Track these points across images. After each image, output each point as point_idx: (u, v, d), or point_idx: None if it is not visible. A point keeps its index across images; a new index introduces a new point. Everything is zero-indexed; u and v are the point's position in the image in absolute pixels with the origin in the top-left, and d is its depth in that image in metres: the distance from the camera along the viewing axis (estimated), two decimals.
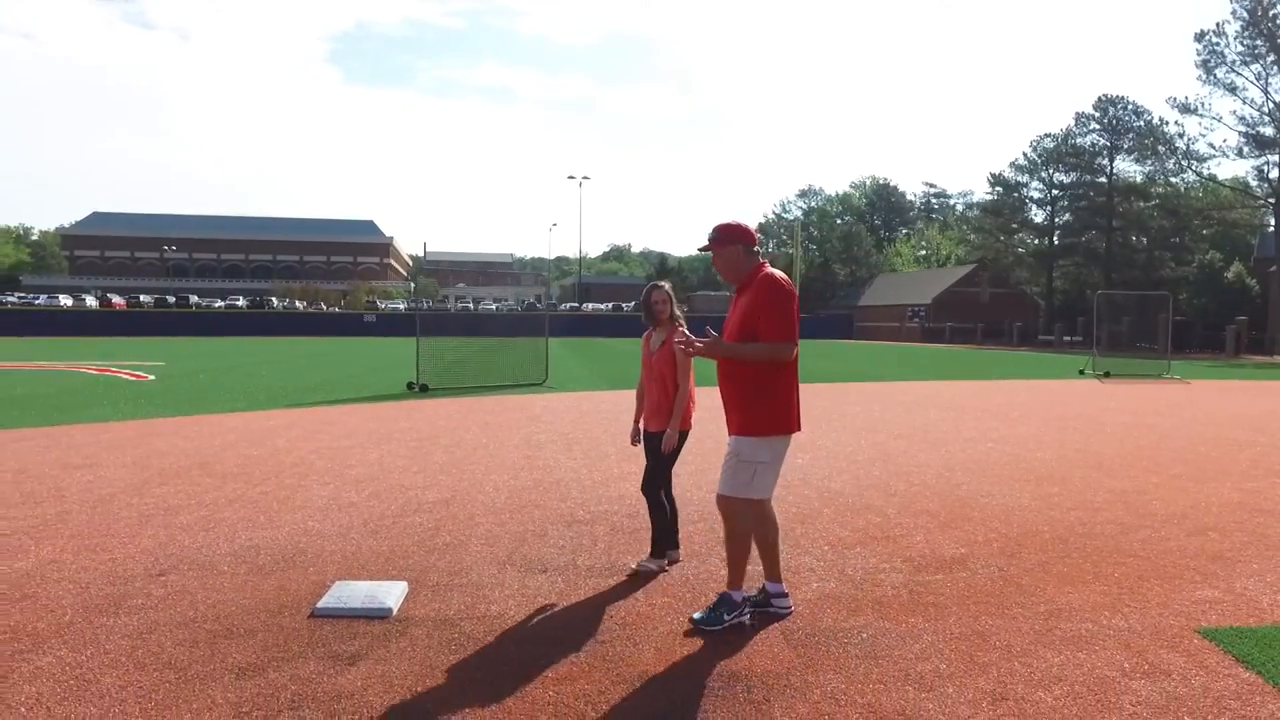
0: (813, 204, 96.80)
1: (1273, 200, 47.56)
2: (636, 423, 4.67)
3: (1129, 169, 58.66)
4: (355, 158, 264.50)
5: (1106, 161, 58.60)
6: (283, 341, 42.32)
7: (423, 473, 7.21)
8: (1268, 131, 45.63)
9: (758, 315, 3.54)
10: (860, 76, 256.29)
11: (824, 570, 4.45)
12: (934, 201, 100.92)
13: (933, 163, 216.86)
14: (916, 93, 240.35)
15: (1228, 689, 3.03)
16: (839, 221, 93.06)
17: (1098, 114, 57.75)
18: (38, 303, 60.88)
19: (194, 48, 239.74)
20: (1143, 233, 58.51)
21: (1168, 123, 54.94)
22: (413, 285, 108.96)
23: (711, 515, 5.03)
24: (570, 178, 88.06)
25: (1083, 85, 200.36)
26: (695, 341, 3.60)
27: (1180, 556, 4.76)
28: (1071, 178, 60.49)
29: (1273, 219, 49.71)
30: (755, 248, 3.70)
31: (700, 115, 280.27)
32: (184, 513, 5.68)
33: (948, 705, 2.90)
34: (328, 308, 73.28)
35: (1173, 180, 57.69)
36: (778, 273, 3.62)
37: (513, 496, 6.28)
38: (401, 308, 72.63)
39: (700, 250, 3.84)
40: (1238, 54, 45.58)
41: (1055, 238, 62.71)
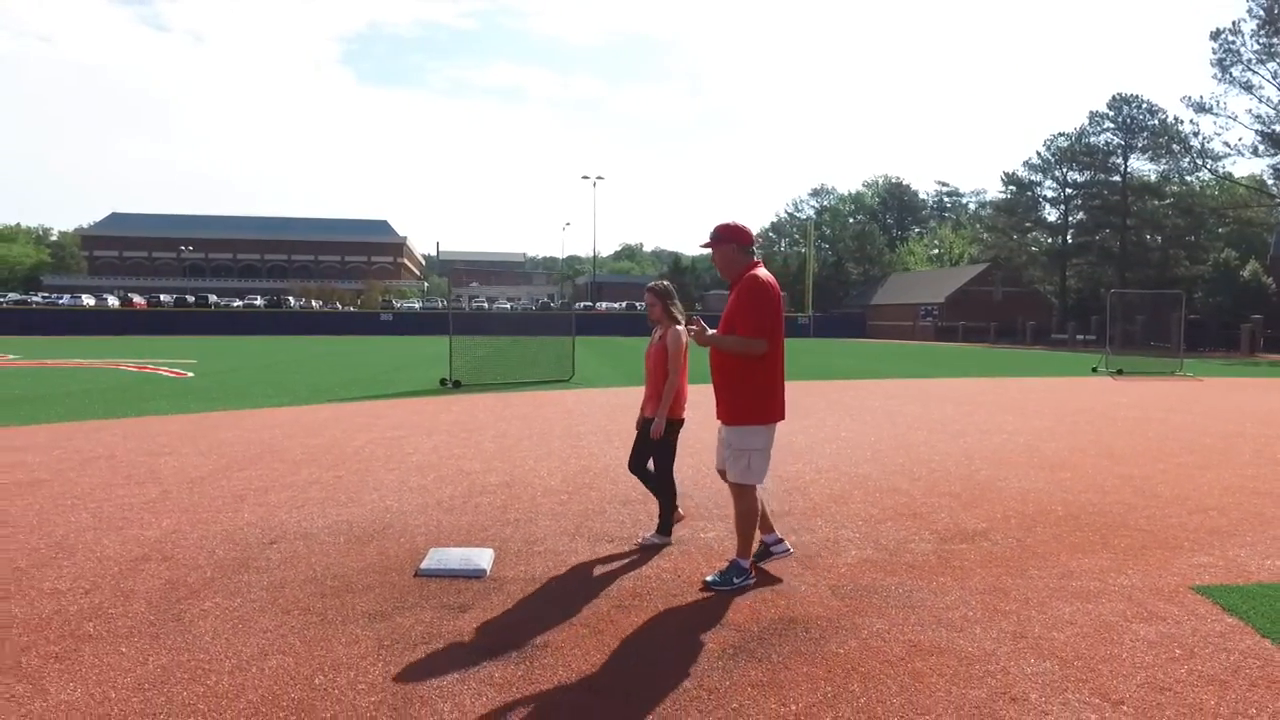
0: (825, 203, 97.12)
1: None
2: (641, 409, 5.16)
3: (1143, 168, 58.87)
4: (368, 158, 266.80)
5: (1121, 160, 58.74)
6: (303, 340, 43.09)
7: (478, 460, 7.78)
8: None
9: (736, 311, 4.01)
10: (872, 75, 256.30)
11: (860, 541, 4.99)
12: (947, 200, 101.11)
13: (945, 162, 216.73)
14: (929, 91, 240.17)
15: (1214, 630, 3.56)
16: (851, 220, 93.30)
17: (1112, 113, 57.94)
18: (61, 302, 62.03)
19: (208, 50, 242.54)
20: (1157, 231, 58.62)
21: (1182, 122, 55.10)
22: (425, 285, 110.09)
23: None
24: (584, 177, 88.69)
25: (1096, 84, 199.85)
26: (703, 331, 4.05)
27: (1181, 530, 5.27)
28: (1085, 176, 60.67)
29: None
30: (750, 247, 4.12)
31: (712, 115, 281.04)
32: (272, 493, 6.27)
33: (976, 642, 3.44)
34: (343, 307, 74.16)
35: (1187, 179, 57.76)
36: (762, 273, 4.02)
37: (566, 480, 6.84)
38: (417, 307, 73.57)
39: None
40: (1254, 52, 45.65)
41: (1069, 236, 62.90)
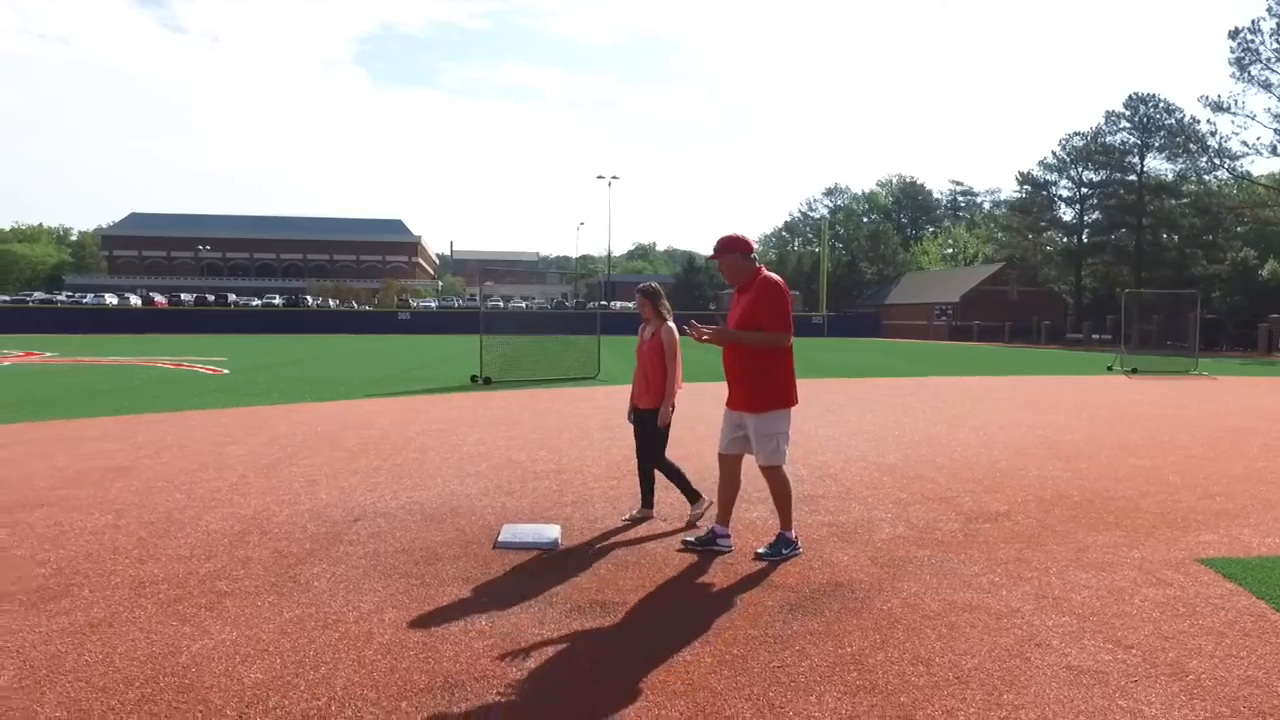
0: (839, 202, 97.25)
1: None
2: (631, 401, 5.56)
3: (1160, 167, 58.73)
4: (382, 157, 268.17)
5: (1137, 160, 58.66)
6: (324, 339, 43.80)
7: (524, 450, 8.27)
8: None
9: (761, 310, 4.51)
10: (886, 74, 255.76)
11: (893, 520, 5.45)
12: (961, 200, 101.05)
13: (959, 161, 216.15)
14: (943, 91, 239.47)
15: (1215, 594, 4.00)
16: (865, 220, 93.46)
17: (1128, 112, 57.82)
18: (85, 301, 63.20)
19: (224, 51, 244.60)
20: (1174, 231, 58.51)
21: (1199, 121, 54.83)
22: (439, 284, 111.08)
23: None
24: (600, 177, 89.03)
25: (1113, 84, 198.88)
26: (704, 330, 4.52)
27: (1189, 513, 5.70)
28: (1101, 176, 60.60)
29: None
30: (751, 254, 4.66)
31: (725, 115, 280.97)
32: (341, 478, 6.78)
33: (1002, 600, 3.90)
34: (359, 306, 75.06)
35: (1205, 178, 57.61)
36: (775, 275, 4.60)
37: (611, 468, 7.32)
38: (433, 306, 74.41)
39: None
40: (1273, 51, 45.46)
41: (1084, 236, 62.86)
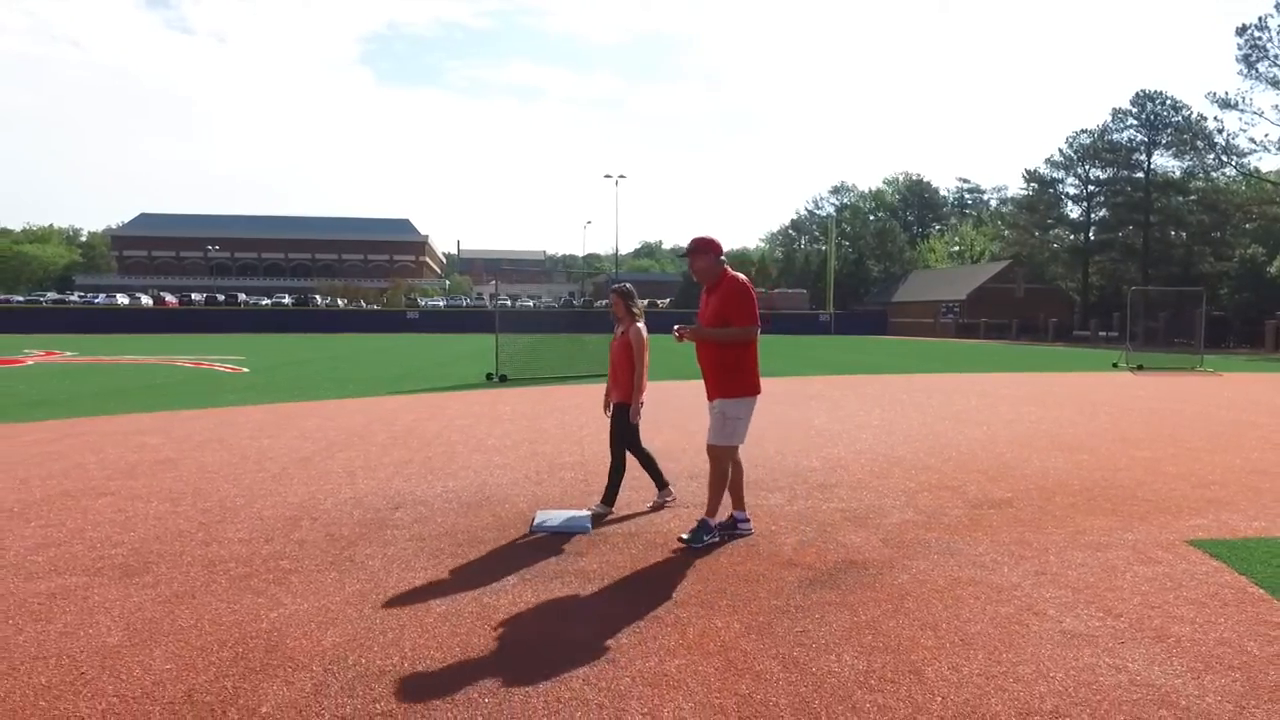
0: (845, 200, 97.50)
1: None
2: (606, 395, 6.04)
3: (1167, 164, 58.77)
4: (389, 157, 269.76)
5: (1144, 157, 58.72)
6: (335, 338, 44.20)
7: (547, 443, 8.62)
8: None
9: (730, 308, 4.89)
10: (892, 72, 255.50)
11: (902, 507, 5.79)
12: (967, 197, 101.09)
13: (966, 158, 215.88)
14: (949, 88, 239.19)
15: (1200, 570, 4.33)
16: (872, 218, 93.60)
17: (1135, 109, 57.92)
18: (96, 301, 63.86)
19: (231, 51, 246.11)
20: (1181, 228, 58.55)
21: (1207, 118, 54.90)
22: (447, 283, 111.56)
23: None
24: (607, 176, 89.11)
25: (1119, 81, 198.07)
26: (684, 331, 4.95)
27: (1183, 500, 6.02)
28: (1108, 173, 60.68)
29: None
30: (722, 256, 5.03)
31: (730, 113, 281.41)
32: (378, 469, 7.14)
33: (1004, 576, 4.24)
34: (367, 305, 75.54)
35: (1212, 175, 57.62)
36: (740, 275, 4.98)
37: (632, 461, 7.64)
38: (441, 305, 74.87)
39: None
40: None
41: (1091, 233, 62.94)
